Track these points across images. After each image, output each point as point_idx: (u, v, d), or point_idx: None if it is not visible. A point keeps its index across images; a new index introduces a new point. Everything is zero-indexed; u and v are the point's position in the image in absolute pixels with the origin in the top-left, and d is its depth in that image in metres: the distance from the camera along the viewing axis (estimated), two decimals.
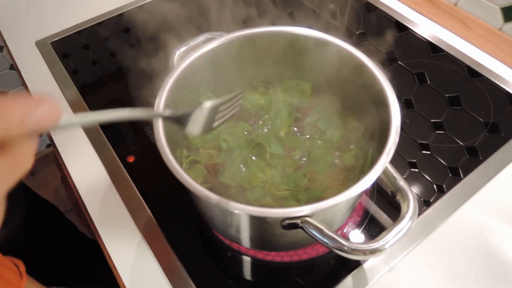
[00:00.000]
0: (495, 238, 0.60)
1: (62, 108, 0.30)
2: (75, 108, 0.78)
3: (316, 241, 0.45)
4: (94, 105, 0.80)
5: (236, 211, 0.44)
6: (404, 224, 0.46)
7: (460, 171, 0.68)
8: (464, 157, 0.71)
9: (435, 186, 0.67)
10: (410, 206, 0.47)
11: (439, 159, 0.70)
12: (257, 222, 0.49)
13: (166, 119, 0.48)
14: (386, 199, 0.67)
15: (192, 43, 0.60)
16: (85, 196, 0.65)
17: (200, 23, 0.86)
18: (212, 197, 0.45)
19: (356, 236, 0.62)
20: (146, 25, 0.89)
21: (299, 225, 0.45)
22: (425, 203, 0.64)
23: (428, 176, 0.68)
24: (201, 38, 0.60)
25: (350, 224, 0.63)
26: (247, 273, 0.60)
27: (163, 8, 0.94)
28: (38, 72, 0.86)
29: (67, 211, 1.67)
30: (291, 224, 0.46)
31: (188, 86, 0.57)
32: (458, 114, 0.76)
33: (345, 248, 0.44)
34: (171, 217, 0.63)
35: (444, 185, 0.66)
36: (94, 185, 0.66)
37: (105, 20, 0.98)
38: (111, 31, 0.96)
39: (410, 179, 0.68)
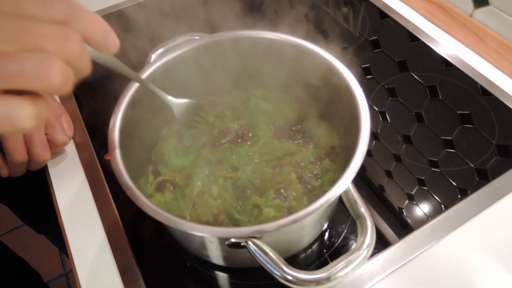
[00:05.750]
0: (477, 277, 0.54)
1: None
2: None
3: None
4: None
5: (182, 229, 0.43)
6: (357, 256, 0.42)
7: (469, 194, 0.62)
8: (474, 179, 0.66)
9: (443, 206, 0.64)
10: (367, 236, 0.44)
11: (448, 178, 0.66)
12: (203, 240, 0.47)
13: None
14: (394, 215, 0.64)
15: (172, 44, 0.59)
16: (57, 187, 0.66)
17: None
18: (160, 213, 0.44)
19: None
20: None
21: (242, 245, 0.43)
22: None
23: (436, 196, 0.64)
24: (181, 39, 0.59)
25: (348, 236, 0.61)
26: (204, 285, 0.58)
27: None
28: None
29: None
30: (235, 244, 0.43)
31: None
32: (470, 133, 0.71)
33: (288, 277, 0.41)
34: (136, 221, 0.63)
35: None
36: (68, 177, 0.66)
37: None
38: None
39: (418, 197, 0.65)
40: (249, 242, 0.42)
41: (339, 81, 0.54)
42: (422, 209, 0.64)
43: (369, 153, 0.72)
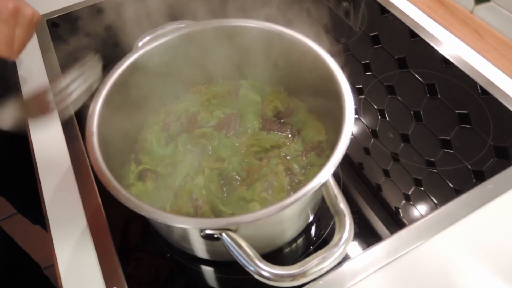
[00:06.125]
0: (461, 279, 0.53)
1: None
2: None
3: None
4: None
5: (153, 218, 0.42)
6: (332, 253, 0.41)
7: None
8: (471, 181, 0.64)
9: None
10: (344, 233, 0.42)
11: (445, 180, 0.65)
12: (180, 230, 0.47)
13: None
14: (390, 215, 0.63)
15: (160, 31, 0.58)
16: (43, 172, 0.66)
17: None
18: (132, 201, 0.43)
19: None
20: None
21: (216, 237, 0.42)
22: None
23: (433, 197, 0.63)
24: (169, 27, 0.58)
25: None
26: (184, 278, 0.58)
27: None
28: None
29: None
30: (209, 235, 0.42)
31: (141, 78, 0.55)
32: (468, 133, 0.69)
33: (261, 272, 0.40)
34: (119, 210, 0.62)
35: None
36: (54, 162, 0.66)
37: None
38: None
39: (414, 197, 0.63)
40: (223, 234, 0.41)
41: (327, 75, 0.53)
42: (419, 209, 0.62)
43: (367, 151, 0.71)
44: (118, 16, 0.92)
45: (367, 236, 0.59)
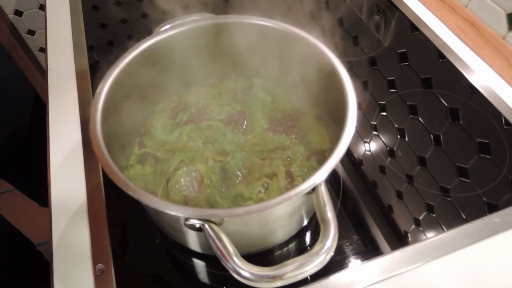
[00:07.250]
0: None
1: None
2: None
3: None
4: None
5: (140, 199, 0.42)
6: (311, 261, 0.40)
7: None
8: (484, 214, 0.62)
9: None
10: (327, 242, 0.41)
11: (458, 209, 0.62)
12: (168, 217, 0.47)
13: None
14: (396, 234, 0.61)
15: (180, 21, 0.59)
16: (53, 143, 0.67)
17: None
18: (123, 180, 0.43)
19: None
20: None
21: (198, 227, 0.42)
22: None
23: (444, 226, 0.61)
24: (189, 17, 0.59)
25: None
26: (169, 265, 0.58)
27: None
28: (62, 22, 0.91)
29: None
30: (193, 225, 0.42)
31: (154, 64, 0.56)
32: (487, 164, 0.66)
33: (238, 270, 0.40)
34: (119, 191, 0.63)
35: None
36: (66, 137, 0.68)
37: None
38: None
39: (425, 224, 0.62)
40: (206, 226, 0.41)
41: (339, 86, 0.52)
42: (428, 236, 0.60)
43: (382, 170, 0.69)
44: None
45: (372, 257, 0.57)
